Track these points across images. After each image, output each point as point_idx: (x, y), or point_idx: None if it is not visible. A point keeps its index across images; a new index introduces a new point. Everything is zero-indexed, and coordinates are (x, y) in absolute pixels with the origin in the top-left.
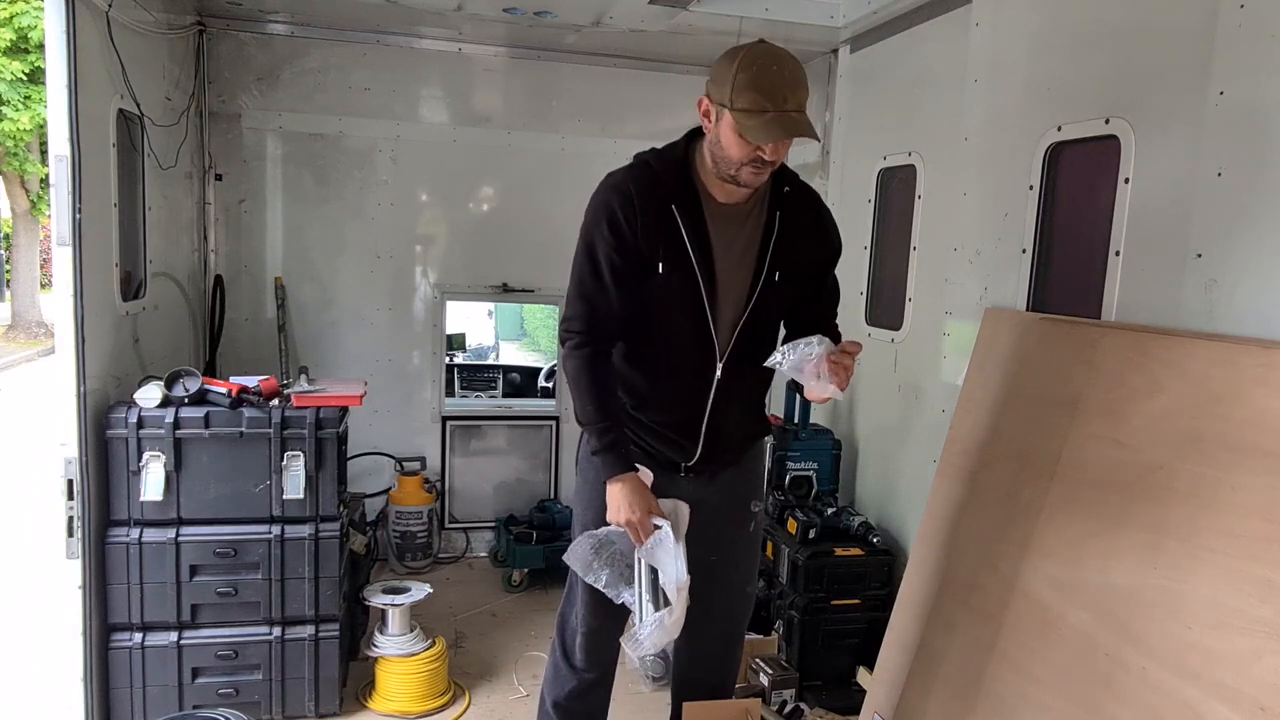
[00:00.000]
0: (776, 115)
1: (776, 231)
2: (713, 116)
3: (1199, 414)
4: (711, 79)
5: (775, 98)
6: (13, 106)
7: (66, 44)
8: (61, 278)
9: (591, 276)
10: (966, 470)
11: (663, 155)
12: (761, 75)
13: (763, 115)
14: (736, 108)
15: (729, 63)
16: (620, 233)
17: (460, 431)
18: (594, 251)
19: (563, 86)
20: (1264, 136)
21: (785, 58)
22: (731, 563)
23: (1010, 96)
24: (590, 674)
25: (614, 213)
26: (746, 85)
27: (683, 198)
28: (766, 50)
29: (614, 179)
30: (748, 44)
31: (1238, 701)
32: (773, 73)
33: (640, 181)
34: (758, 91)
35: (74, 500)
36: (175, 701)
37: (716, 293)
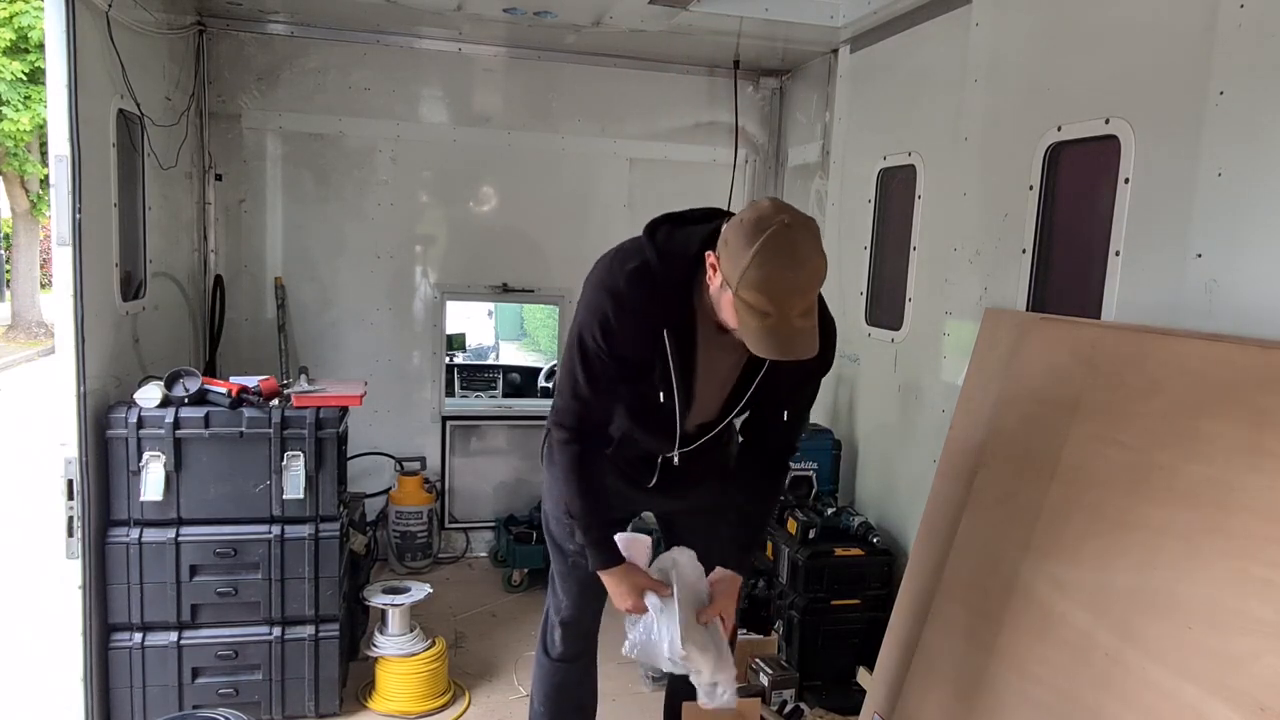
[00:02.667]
0: (778, 323)
1: (766, 368)
2: (717, 280)
3: (1199, 414)
4: (725, 243)
5: (782, 304)
6: (13, 106)
7: (66, 44)
8: (61, 278)
9: (585, 377)
10: (966, 470)
11: (668, 264)
12: (773, 278)
13: (765, 319)
14: (741, 295)
15: (747, 242)
16: (612, 339)
17: (460, 431)
18: (586, 351)
19: (563, 86)
20: (1264, 136)
21: (804, 259)
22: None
23: (1010, 96)
24: (570, 664)
25: (607, 318)
26: (756, 282)
27: (677, 323)
28: (788, 244)
29: (613, 281)
30: (775, 225)
31: (1238, 701)
32: (785, 278)
33: (637, 293)
34: (765, 293)
35: (74, 500)
36: (175, 701)
37: (691, 410)
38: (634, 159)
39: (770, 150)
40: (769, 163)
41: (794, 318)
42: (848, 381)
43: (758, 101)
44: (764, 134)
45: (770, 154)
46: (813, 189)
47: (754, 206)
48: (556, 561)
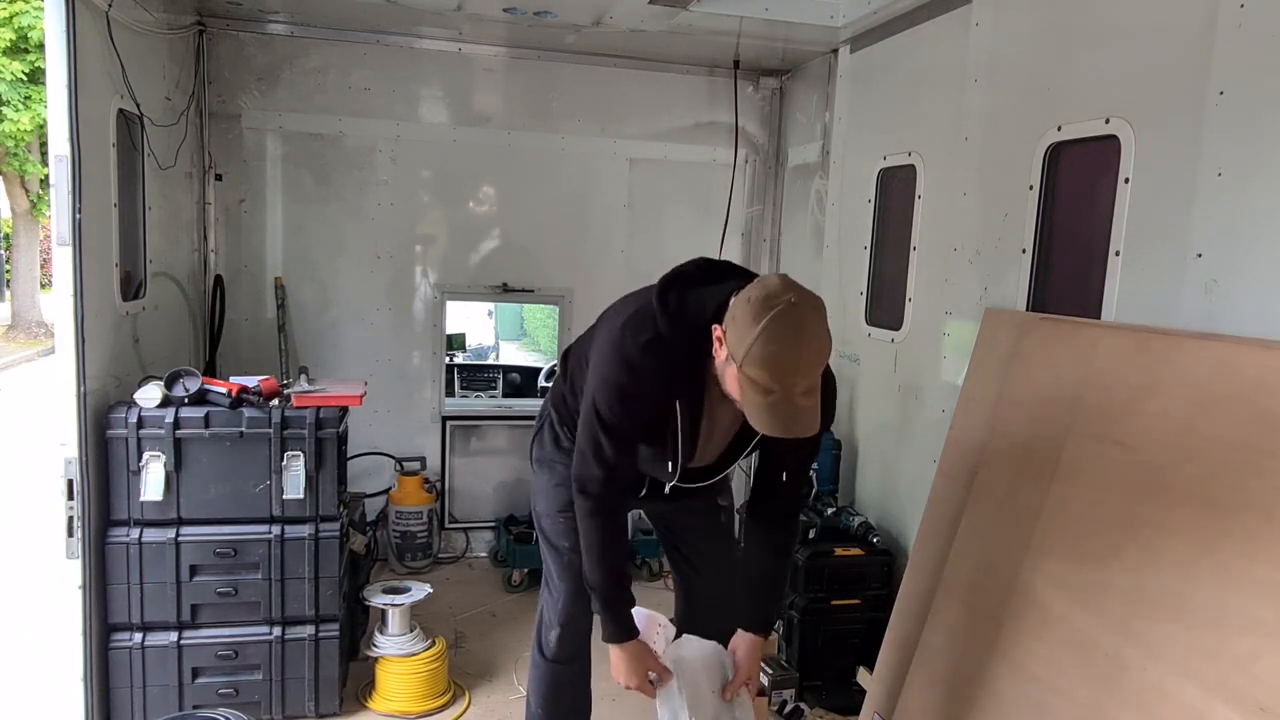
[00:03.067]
0: (781, 400)
1: None
2: (723, 354)
3: (1199, 414)
4: (732, 318)
5: (785, 382)
6: (13, 106)
7: (66, 44)
8: (61, 278)
9: (609, 443)
10: (966, 470)
11: (679, 333)
12: (778, 356)
13: (768, 396)
14: (745, 372)
15: (753, 320)
16: (630, 406)
17: (460, 431)
18: (605, 422)
19: (563, 86)
20: (1264, 136)
21: (809, 339)
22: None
23: (1010, 96)
24: (566, 665)
25: (623, 389)
26: (760, 360)
27: (687, 393)
28: (794, 323)
29: (628, 354)
30: (782, 304)
31: (1238, 701)
32: (790, 358)
33: (651, 366)
34: (769, 371)
35: (74, 500)
36: (175, 701)
37: (693, 461)
38: (634, 159)
39: (770, 150)
40: (769, 163)
41: (796, 396)
42: (848, 381)
43: (758, 101)
44: (764, 134)
45: (770, 154)
46: (813, 189)
47: (762, 284)
48: (551, 561)
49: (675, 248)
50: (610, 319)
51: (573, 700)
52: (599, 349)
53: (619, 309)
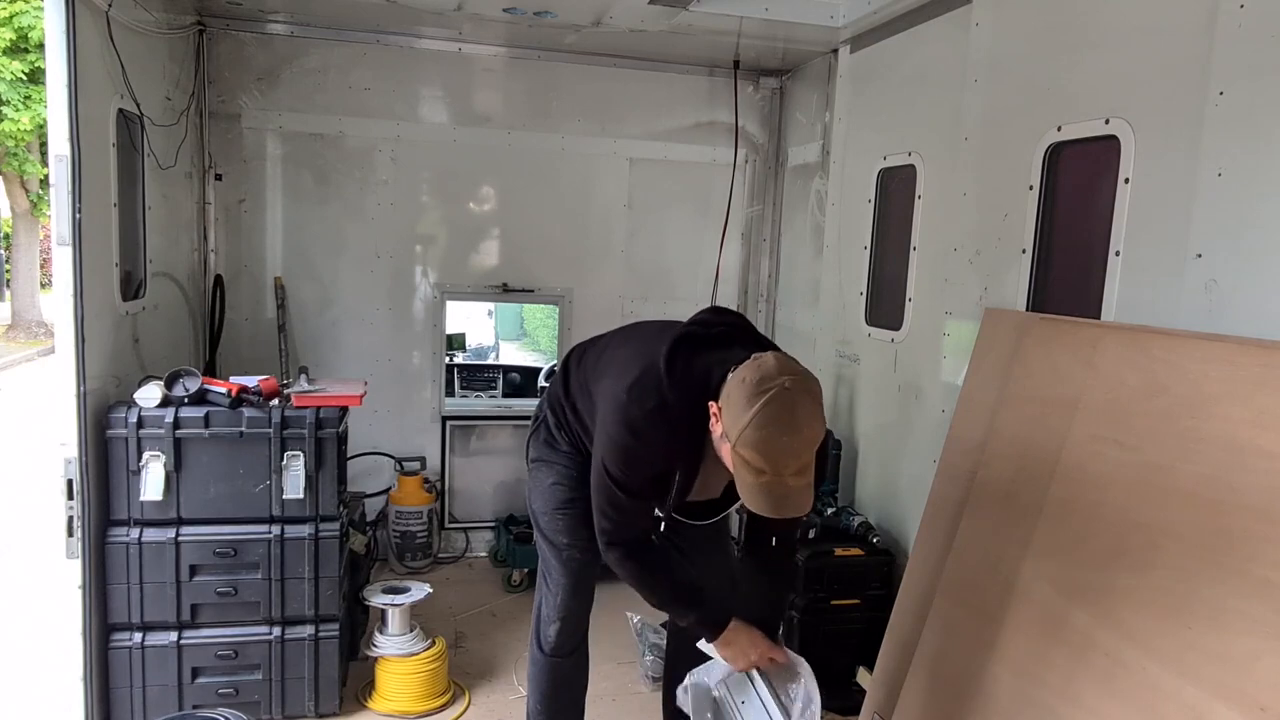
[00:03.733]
0: (772, 481)
1: None
2: (718, 430)
3: (1199, 414)
4: (728, 397)
5: (777, 464)
6: (13, 106)
7: (66, 44)
8: (61, 278)
9: (624, 496)
10: (966, 470)
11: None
12: (771, 441)
13: (759, 476)
14: (738, 451)
15: (748, 402)
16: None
17: (460, 431)
18: (616, 480)
19: (563, 86)
20: (1264, 136)
21: (802, 423)
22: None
23: (1010, 96)
24: (565, 658)
25: (630, 452)
26: (754, 443)
27: (687, 456)
28: (788, 407)
29: (633, 420)
30: (776, 387)
31: (1238, 701)
32: (782, 442)
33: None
34: (761, 454)
35: (74, 500)
36: (175, 701)
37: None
38: (634, 159)
39: (770, 150)
40: (769, 163)
41: (788, 477)
42: (848, 381)
43: (758, 101)
44: (764, 134)
45: (770, 154)
46: (813, 189)
47: (758, 364)
48: (550, 557)
49: (675, 248)
50: (618, 371)
51: (572, 695)
52: (607, 409)
53: (626, 364)
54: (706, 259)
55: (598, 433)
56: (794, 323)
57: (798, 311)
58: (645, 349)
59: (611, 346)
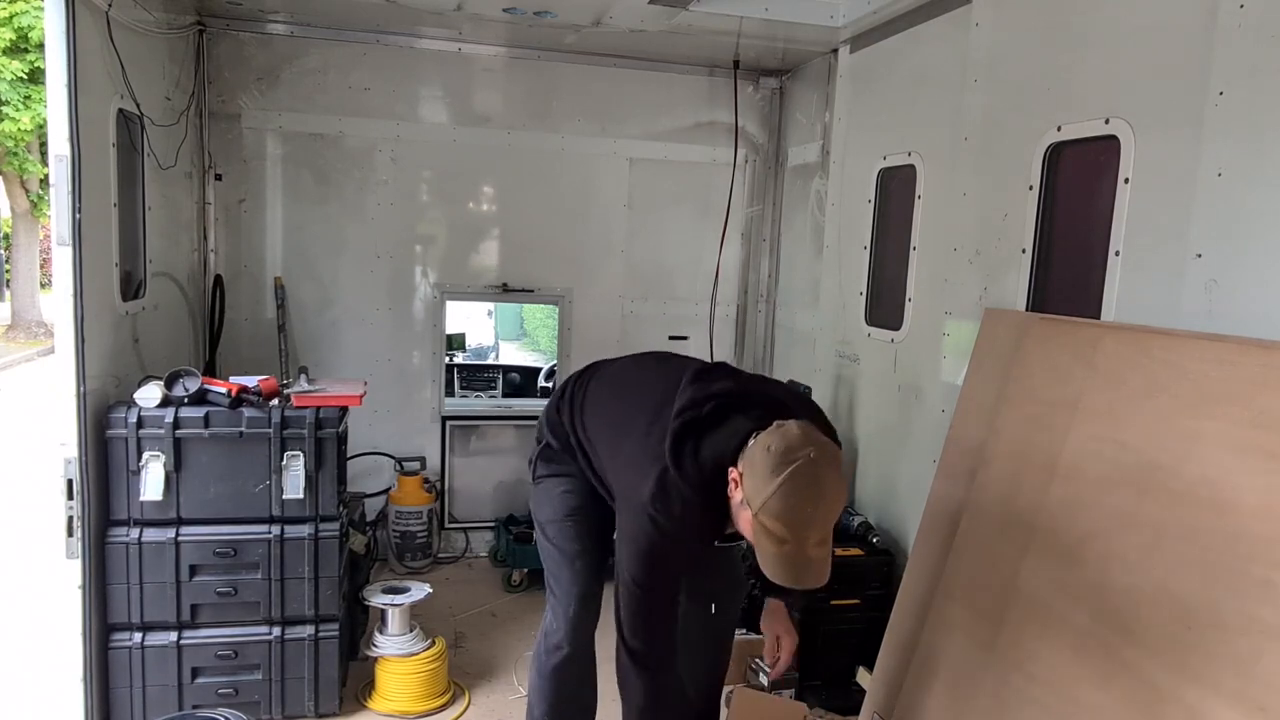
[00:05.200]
0: (794, 551)
1: None
2: (738, 496)
3: (1199, 414)
4: (751, 466)
5: (799, 534)
6: (13, 106)
7: (66, 44)
8: (61, 278)
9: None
10: (966, 470)
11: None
12: (796, 511)
13: (781, 545)
14: (760, 520)
15: (772, 473)
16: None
17: (460, 431)
18: (649, 586)
19: (563, 86)
20: (1264, 136)
21: (825, 494)
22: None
23: (1010, 96)
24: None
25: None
26: (777, 513)
27: (708, 534)
28: (813, 478)
29: (663, 527)
30: (802, 459)
31: (1238, 701)
32: (806, 513)
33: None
34: (785, 524)
35: (74, 500)
36: (175, 701)
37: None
38: (634, 159)
39: (770, 150)
40: (769, 163)
41: (810, 547)
42: (848, 382)
43: (757, 101)
44: (764, 134)
45: (770, 154)
46: (812, 189)
47: (783, 433)
48: (558, 565)
49: (675, 248)
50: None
51: (580, 703)
52: (632, 523)
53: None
54: (706, 259)
55: (624, 542)
56: (794, 323)
57: (798, 311)
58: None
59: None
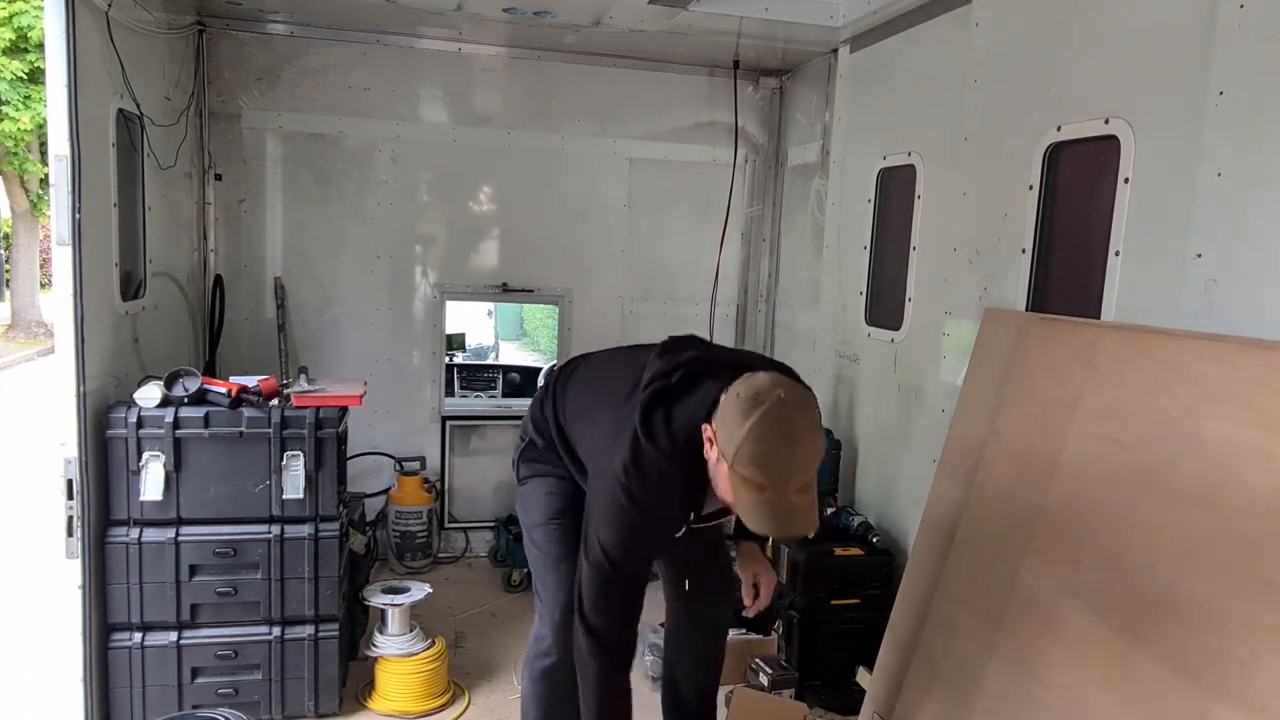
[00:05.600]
0: (775, 497)
1: None
2: (714, 453)
3: (1199, 414)
4: (721, 417)
5: (778, 479)
6: (13, 106)
7: (66, 44)
8: (61, 278)
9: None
10: (966, 470)
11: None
12: (770, 454)
13: (760, 493)
14: (736, 469)
15: (742, 417)
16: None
17: (460, 431)
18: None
19: (563, 86)
20: (1264, 136)
21: (800, 435)
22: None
23: (1010, 96)
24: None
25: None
26: (751, 458)
27: (684, 505)
28: (784, 419)
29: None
30: (771, 400)
31: (1238, 701)
32: (782, 455)
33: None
34: (761, 469)
35: (74, 500)
36: (175, 701)
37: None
38: (634, 159)
39: (770, 150)
40: (769, 163)
41: (791, 494)
42: (848, 381)
43: (757, 101)
44: (764, 134)
45: (770, 154)
46: (812, 189)
47: (750, 380)
48: (543, 567)
49: (675, 248)
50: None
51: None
52: (604, 491)
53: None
54: (706, 259)
55: (594, 515)
56: (794, 323)
57: (798, 311)
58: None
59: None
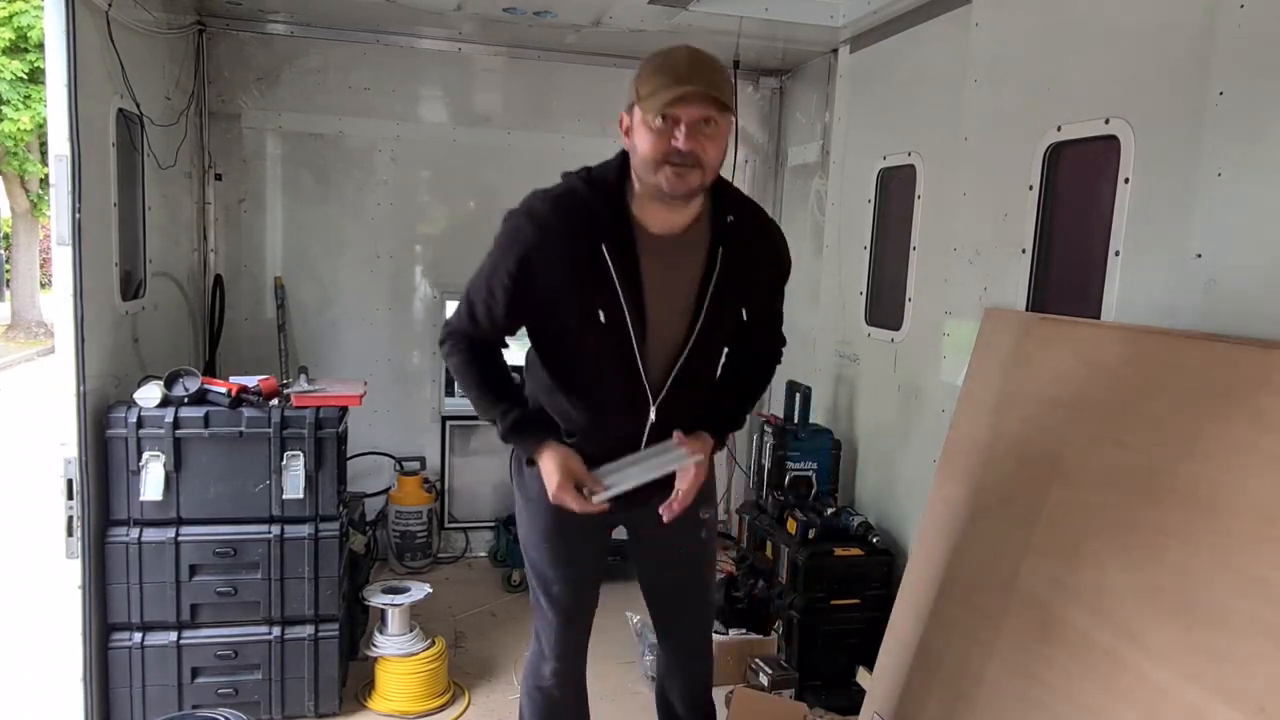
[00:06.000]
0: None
1: (718, 270)
2: (626, 125)
3: (1199, 414)
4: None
5: (679, 75)
6: (13, 106)
7: (66, 44)
8: (61, 278)
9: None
10: (966, 470)
11: (594, 181)
12: (666, 62)
13: (666, 91)
14: (642, 97)
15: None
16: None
17: (460, 431)
18: (494, 282)
19: (563, 86)
20: (1264, 136)
21: (698, 52)
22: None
23: (1010, 96)
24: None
25: (526, 252)
26: (651, 72)
27: (614, 233)
28: (679, 46)
29: (535, 208)
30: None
31: (1238, 701)
32: (678, 58)
33: (565, 214)
34: (660, 73)
35: (74, 500)
36: (175, 701)
37: (647, 337)
38: None
39: (770, 150)
40: (769, 162)
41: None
42: (848, 381)
43: (757, 101)
44: (764, 134)
45: (770, 154)
46: (812, 189)
47: None
48: (539, 592)
49: None
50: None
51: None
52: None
53: None
54: None
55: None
56: (794, 322)
57: (798, 311)
58: None
59: None
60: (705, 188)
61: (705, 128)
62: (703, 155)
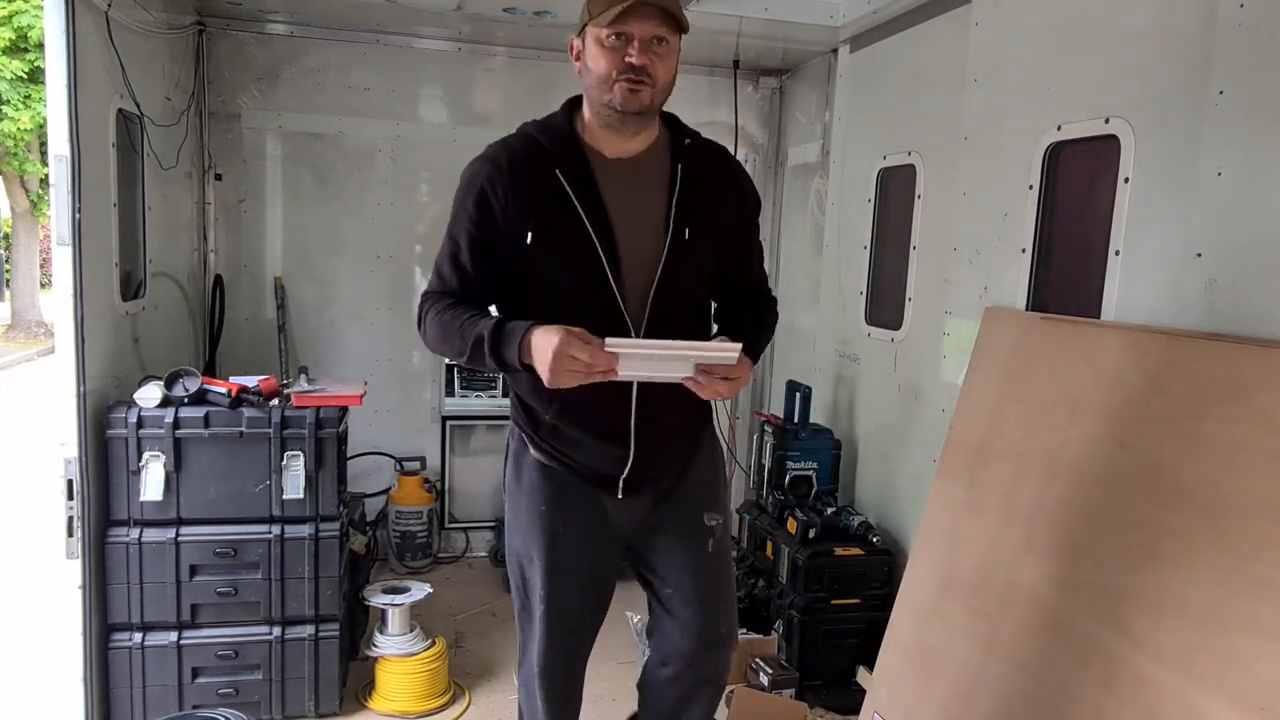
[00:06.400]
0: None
1: (679, 182)
2: (578, 49)
3: (1199, 414)
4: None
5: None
6: (13, 106)
7: (66, 44)
8: (61, 278)
9: (451, 257)
10: (966, 470)
11: (544, 121)
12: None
13: (619, 4)
14: (594, 15)
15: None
16: (490, 211)
17: (460, 431)
18: (457, 230)
19: (563, 86)
20: (1264, 136)
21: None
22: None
23: (1010, 96)
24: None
25: (483, 190)
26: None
27: (568, 158)
28: None
29: (488, 152)
30: None
31: (1238, 701)
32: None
33: (516, 149)
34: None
35: (74, 500)
36: (175, 701)
37: (620, 261)
38: None
39: (770, 150)
40: (769, 162)
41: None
42: (848, 381)
43: (757, 101)
44: (764, 134)
45: (770, 154)
46: (812, 189)
47: None
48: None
49: None
50: None
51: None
52: None
53: None
54: None
55: None
56: (794, 322)
57: (798, 311)
58: None
59: None
60: (656, 109)
61: (657, 46)
62: (654, 71)
